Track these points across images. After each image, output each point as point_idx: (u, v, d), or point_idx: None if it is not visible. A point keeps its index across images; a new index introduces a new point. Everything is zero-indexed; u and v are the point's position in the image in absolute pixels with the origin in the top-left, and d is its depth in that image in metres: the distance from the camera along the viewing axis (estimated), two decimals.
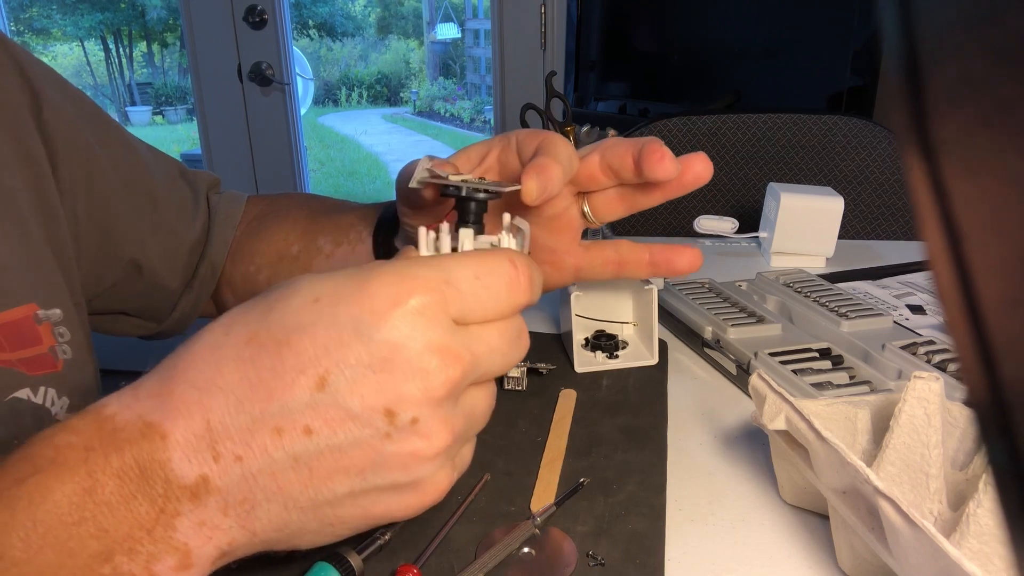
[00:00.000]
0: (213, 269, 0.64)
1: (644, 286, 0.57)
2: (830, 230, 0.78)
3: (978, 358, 0.09)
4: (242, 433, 0.28)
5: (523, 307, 0.33)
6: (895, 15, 0.09)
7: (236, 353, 0.29)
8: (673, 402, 0.52)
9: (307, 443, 0.28)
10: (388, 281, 0.29)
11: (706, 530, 0.40)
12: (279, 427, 0.28)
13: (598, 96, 2.34)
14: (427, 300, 0.29)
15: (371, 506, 0.30)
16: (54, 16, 5.32)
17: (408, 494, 0.30)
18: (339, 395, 0.28)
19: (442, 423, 0.29)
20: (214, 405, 0.28)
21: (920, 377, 0.37)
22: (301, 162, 2.27)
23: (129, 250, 0.58)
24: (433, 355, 0.28)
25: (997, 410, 0.09)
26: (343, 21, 6.44)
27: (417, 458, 0.29)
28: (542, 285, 0.34)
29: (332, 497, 0.29)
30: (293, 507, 0.29)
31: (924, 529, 0.29)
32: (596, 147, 0.47)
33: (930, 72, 0.09)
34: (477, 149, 0.49)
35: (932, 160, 0.09)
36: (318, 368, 0.28)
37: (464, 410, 0.31)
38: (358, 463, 0.28)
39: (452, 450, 0.30)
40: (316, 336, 0.28)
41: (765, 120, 1.17)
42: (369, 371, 0.28)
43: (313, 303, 0.29)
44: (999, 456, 0.09)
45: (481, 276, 0.31)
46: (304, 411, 0.28)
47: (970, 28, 0.09)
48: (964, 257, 0.09)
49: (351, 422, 0.28)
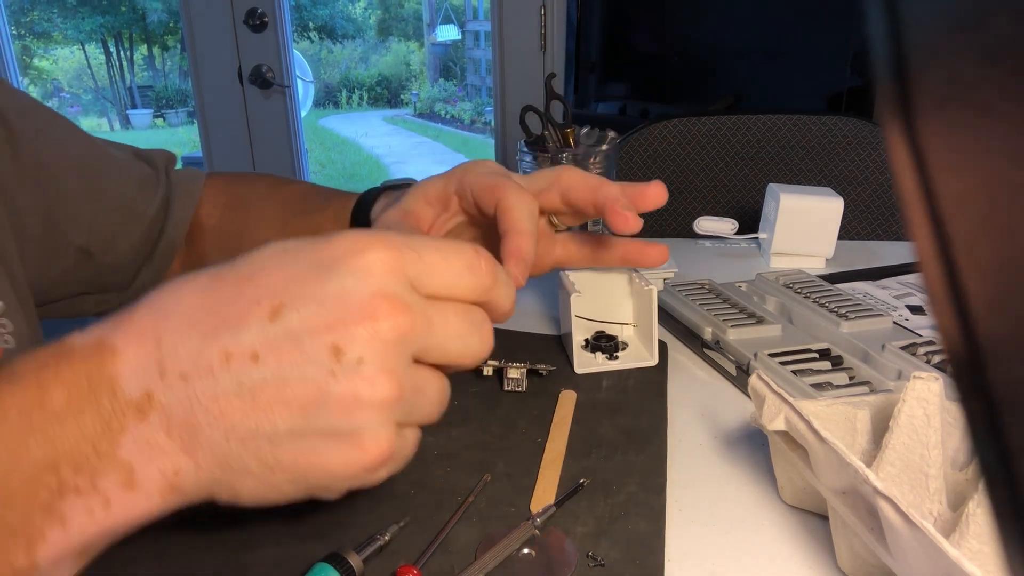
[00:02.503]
0: (172, 244, 0.65)
1: (644, 287, 0.57)
2: (830, 231, 0.78)
3: (967, 359, 0.09)
4: (191, 353, 0.28)
5: (483, 293, 0.33)
6: (882, 19, 0.09)
7: (200, 285, 0.30)
8: (673, 403, 0.52)
9: (253, 370, 0.28)
10: (353, 235, 0.30)
11: (706, 530, 0.40)
12: (227, 351, 0.28)
13: (598, 97, 2.34)
14: (385, 255, 0.30)
15: (311, 452, 0.29)
16: (55, 19, 5.33)
17: (348, 445, 0.29)
18: (290, 327, 0.28)
19: (387, 373, 0.29)
20: (168, 326, 0.28)
21: (920, 377, 0.37)
22: (302, 164, 2.27)
23: (77, 238, 0.58)
24: (384, 300, 0.29)
25: (986, 410, 0.09)
26: (343, 23, 6.45)
27: (359, 402, 0.28)
28: (510, 294, 0.35)
29: (272, 431, 0.28)
30: (234, 436, 0.28)
31: (924, 529, 0.29)
32: (554, 182, 0.49)
33: (917, 75, 0.09)
34: (435, 188, 0.50)
35: (920, 161, 0.09)
36: (273, 300, 0.29)
37: (414, 379, 0.30)
38: (301, 397, 0.28)
39: (396, 410, 0.29)
40: (276, 273, 0.29)
41: (765, 121, 1.17)
42: (322, 308, 0.28)
43: (281, 251, 0.30)
44: (988, 456, 0.09)
45: (442, 250, 0.32)
46: (254, 338, 0.28)
47: (956, 31, 0.09)
48: (952, 258, 0.09)
49: (298, 354, 0.28)
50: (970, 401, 0.10)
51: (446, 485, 0.43)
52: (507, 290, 0.35)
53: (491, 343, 0.34)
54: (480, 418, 0.50)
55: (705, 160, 1.20)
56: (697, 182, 1.21)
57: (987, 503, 0.10)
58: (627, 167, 1.21)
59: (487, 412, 0.50)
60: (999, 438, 0.09)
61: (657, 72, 2.23)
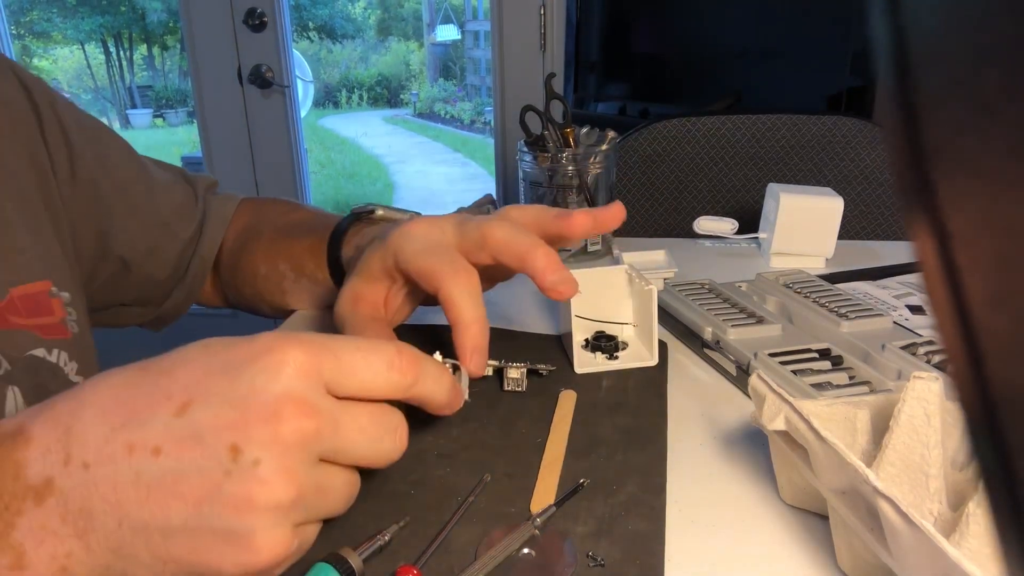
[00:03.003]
0: (203, 264, 0.68)
1: (644, 287, 0.57)
2: (830, 230, 0.78)
3: (966, 357, 0.09)
4: (97, 442, 0.29)
5: (404, 391, 0.34)
6: (884, 18, 0.09)
7: (121, 378, 0.31)
8: (673, 403, 0.52)
9: (152, 463, 0.29)
10: (272, 336, 0.31)
11: (706, 530, 0.40)
12: (131, 443, 0.29)
13: (598, 97, 2.34)
14: (300, 356, 0.30)
15: (201, 549, 0.29)
16: (55, 19, 5.33)
17: (240, 546, 0.29)
18: (194, 422, 0.29)
19: (285, 475, 0.29)
20: (82, 415, 0.30)
21: (920, 377, 0.37)
22: (302, 164, 2.27)
23: (119, 249, 0.62)
24: (289, 403, 0.29)
25: (984, 409, 0.09)
26: (343, 23, 6.45)
27: (251, 504, 0.29)
28: (441, 389, 0.36)
29: (165, 524, 0.29)
30: (127, 526, 0.29)
31: (924, 529, 0.29)
32: (482, 243, 0.46)
33: (919, 74, 0.09)
34: (375, 266, 0.49)
35: (920, 160, 0.09)
36: (184, 395, 0.29)
37: (317, 479, 0.31)
38: (195, 493, 0.29)
39: (293, 512, 0.30)
40: (192, 369, 0.30)
41: (765, 121, 1.17)
42: (228, 406, 0.29)
43: (203, 347, 0.31)
44: (987, 455, 0.09)
45: (362, 350, 0.33)
46: (159, 432, 0.29)
47: (957, 31, 0.09)
48: (951, 256, 0.09)
49: (198, 450, 0.29)
50: (969, 400, 0.10)
51: (446, 485, 0.43)
52: (437, 385, 0.36)
53: (404, 446, 0.35)
54: (480, 418, 0.50)
55: (705, 160, 1.20)
56: (697, 182, 1.21)
57: (987, 503, 0.10)
58: (627, 167, 1.21)
59: (487, 412, 0.50)
60: (998, 438, 0.09)
61: (657, 72, 2.23)
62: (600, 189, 0.81)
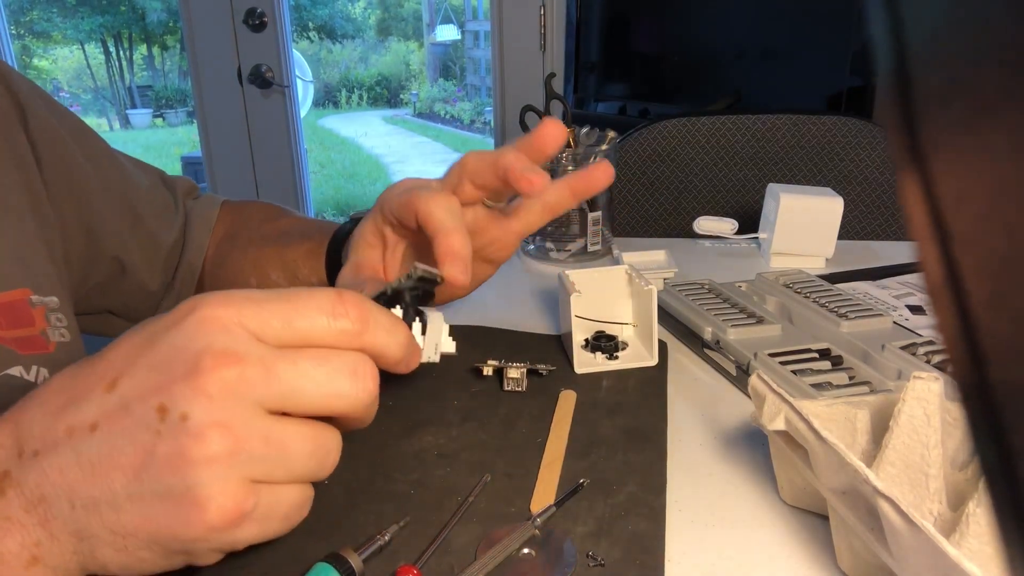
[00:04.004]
0: (191, 271, 0.67)
1: (644, 287, 0.57)
2: (830, 231, 0.78)
3: (967, 357, 0.09)
4: (41, 431, 0.30)
5: (351, 339, 0.32)
6: (884, 19, 0.09)
7: (64, 372, 0.31)
8: (673, 403, 0.52)
9: (90, 440, 0.29)
10: (194, 298, 0.31)
11: (706, 530, 0.40)
12: (71, 425, 0.29)
13: (598, 97, 2.34)
14: (217, 311, 0.30)
15: (152, 516, 0.29)
16: (54, 19, 5.33)
17: (185, 504, 0.28)
18: (122, 394, 0.29)
19: (216, 426, 0.28)
20: (28, 408, 0.30)
21: (920, 377, 0.37)
22: (301, 164, 2.27)
23: (113, 249, 0.61)
24: (208, 355, 0.29)
25: (986, 409, 0.09)
26: (343, 23, 6.45)
27: (185, 459, 0.28)
28: (395, 341, 0.33)
29: (112, 497, 0.29)
30: (80, 506, 0.29)
31: (924, 529, 0.29)
32: (461, 174, 0.47)
33: (919, 75, 0.09)
34: (369, 229, 0.50)
35: (921, 161, 0.09)
36: (113, 373, 0.30)
37: (262, 430, 0.30)
38: (132, 461, 0.29)
39: (238, 464, 0.29)
40: (122, 348, 0.31)
41: (764, 121, 1.17)
42: (151, 371, 0.29)
43: (136, 329, 0.31)
44: (989, 455, 0.09)
45: (292, 300, 0.31)
46: (93, 410, 0.29)
47: (957, 31, 0.09)
48: (952, 256, 0.09)
49: (128, 418, 0.29)
50: (971, 401, 0.10)
51: (446, 485, 0.43)
52: (389, 336, 0.33)
53: (372, 387, 0.32)
54: (480, 418, 0.50)
55: (705, 160, 1.20)
56: (697, 182, 1.21)
57: (988, 503, 0.10)
58: (627, 167, 1.21)
59: (487, 412, 0.50)
60: (1000, 438, 0.09)
61: (657, 72, 2.22)
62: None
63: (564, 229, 0.81)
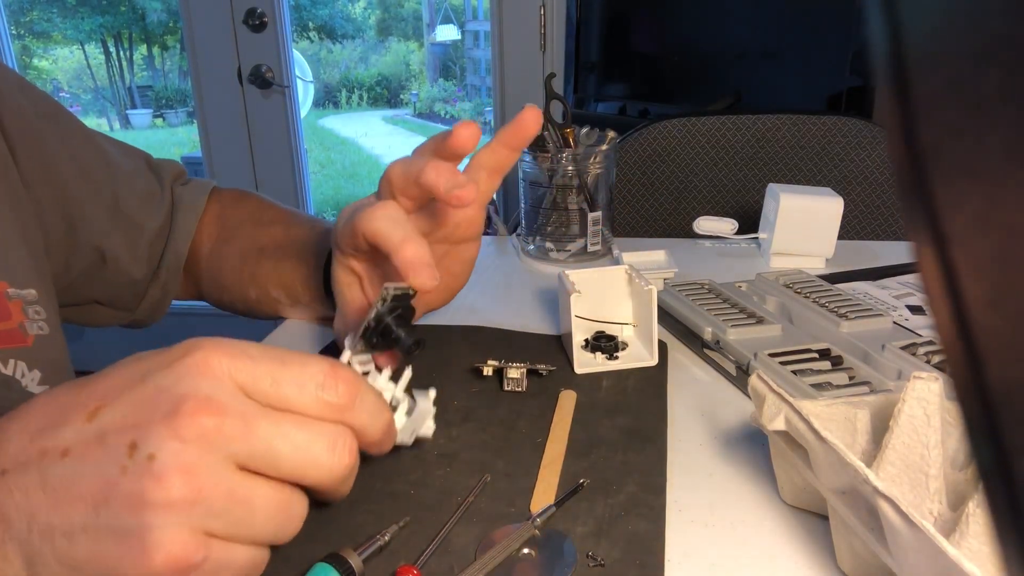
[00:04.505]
0: (177, 258, 0.65)
1: (644, 287, 0.57)
2: (830, 231, 0.78)
3: (964, 358, 0.09)
4: (16, 451, 0.29)
5: (336, 413, 0.32)
6: (882, 19, 0.09)
7: (53, 393, 0.31)
8: (673, 403, 0.52)
9: (59, 465, 0.29)
10: (192, 341, 0.31)
11: (706, 531, 0.40)
12: (44, 448, 0.29)
13: (598, 97, 2.34)
14: (213, 358, 0.30)
15: (101, 553, 0.28)
16: (54, 19, 5.33)
17: (132, 546, 0.28)
18: (101, 425, 0.29)
19: (181, 471, 0.28)
20: (8, 427, 0.30)
21: (919, 377, 0.37)
22: (301, 164, 2.27)
23: (93, 239, 0.59)
24: (190, 400, 0.29)
25: (983, 410, 0.09)
26: (343, 23, 6.44)
27: (144, 500, 0.28)
28: (377, 423, 0.34)
29: (68, 526, 0.28)
30: (36, 530, 0.29)
31: (924, 529, 0.29)
32: (389, 187, 0.47)
33: (917, 76, 0.09)
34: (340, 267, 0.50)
35: (918, 162, 0.09)
36: (97, 402, 0.30)
37: (229, 484, 0.29)
38: (94, 493, 0.28)
39: (196, 515, 0.28)
40: (112, 379, 0.30)
41: (765, 121, 1.17)
42: (133, 407, 0.29)
43: (130, 359, 0.31)
44: (986, 456, 0.09)
45: (287, 361, 0.31)
46: (68, 436, 0.29)
47: (955, 31, 0.09)
48: (949, 258, 0.09)
49: (100, 450, 0.29)
50: (968, 401, 0.10)
51: (446, 485, 0.43)
52: (371, 419, 0.33)
53: (348, 461, 0.32)
54: (480, 418, 0.50)
55: (705, 160, 1.20)
56: (697, 182, 1.21)
57: (986, 504, 0.10)
58: (627, 167, 1.21)
59: (487, 412, 0.50)
60: (997, 438, 0.09)
61: (657, 72, 2.22)
62: (600, 189, 0.81)
63: (564, 229, 0.81)
